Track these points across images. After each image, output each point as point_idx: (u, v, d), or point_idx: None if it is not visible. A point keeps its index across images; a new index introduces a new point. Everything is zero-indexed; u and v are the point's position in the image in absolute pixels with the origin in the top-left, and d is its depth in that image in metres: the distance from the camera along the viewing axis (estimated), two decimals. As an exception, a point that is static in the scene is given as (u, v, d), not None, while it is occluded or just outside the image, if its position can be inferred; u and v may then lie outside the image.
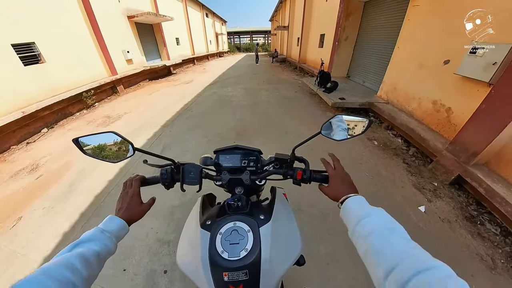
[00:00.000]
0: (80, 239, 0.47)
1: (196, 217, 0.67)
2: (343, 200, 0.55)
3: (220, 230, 0.58)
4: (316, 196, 2.14)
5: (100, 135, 0.58)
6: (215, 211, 0.67)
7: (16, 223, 2.07)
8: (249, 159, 0.74)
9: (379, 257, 0.38)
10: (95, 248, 0.45)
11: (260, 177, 0.71)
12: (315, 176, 0.67)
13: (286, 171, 0.69)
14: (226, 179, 0.69)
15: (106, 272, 1.54)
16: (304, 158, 0.72)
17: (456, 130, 2.60)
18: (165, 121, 4.43)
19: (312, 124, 4.08)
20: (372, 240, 0.41)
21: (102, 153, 0.61)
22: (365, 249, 0.42)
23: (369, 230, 0.43)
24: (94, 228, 0.51)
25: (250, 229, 0.57)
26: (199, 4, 18.65)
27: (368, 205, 0.50)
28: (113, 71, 7.11)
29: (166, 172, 0.69)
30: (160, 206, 2.11)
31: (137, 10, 8.57)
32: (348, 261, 1.59)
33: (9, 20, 4.14)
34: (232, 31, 45.85)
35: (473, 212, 2.06)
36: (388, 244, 0.39)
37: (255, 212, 0.63)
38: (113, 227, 0.53)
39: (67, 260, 0.40)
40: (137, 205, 0.61)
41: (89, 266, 0.43)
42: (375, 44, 5.22)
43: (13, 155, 3.56)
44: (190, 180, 0.68)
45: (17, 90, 4.18)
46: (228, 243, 0.55)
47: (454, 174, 2.30)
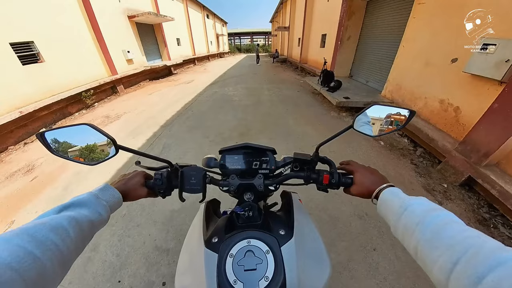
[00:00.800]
0: (70, 201, 0.40)
1: (199, 232, 0.56)
2: (376, 194, 0.48)
3: (230, 251, 0.45)
4: (326, 199, 2.07)
5: (72, 128, 0.46)
6: (222, 224, 0.55)
7: (7, 227, 1.99)
8: (261, 160, 0.63)
9: (433, 251, 0.32)
10: (87, 214, 0.39)
11: (276, 181, 0.59)
12: (344, 180, 0.56)
13: (308, 175, 0.58)
14: (235, 185, 0.57)
15: (99, 284, 1.46)
16: (329, 158, 0.60)
17: (465, 130, 2.52)
18: (165, 121, 4.37)
19: (316, 124, 4.00)
20: (420, 233, 0.34)
21: (75, 152, 0.49)
22: (415, 245, 0.35)
23: (415, 222, 0.36)
24: (86, 192, 0.44)
25: (269, 249, 0.45)
26: (200, 5, 18.69)
27: (406, 196, 0.43)
28: (113, 71, 7.06)
29: (161, 176, 0.57)
30: (159, 210, 2.02)
31: (137, 10, 8.54)
32: (361, 270, 1.50)
33: (8, 18, 4.09)
34: (233, 32, 46.01)
35: (485, 214, 1.97)
36: (442, 234, 0.32)
37: (271, 224, 0.52)
38: (108, 196, 0.47)
39: (55, 222, 0.33)
40: (137, 184, 0.55)
41: (81, 231, 0.36)
42: (379, 43, 5.15)
43: (10, 155, 3.49)
44: (191, 187, 0.57)
45: (15, 90, 4.12)
46: (242, 269, 0.43)
47: (465, 175, 2.22)
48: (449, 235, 0.32)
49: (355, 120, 0.55)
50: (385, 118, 0.55)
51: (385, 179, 0.51)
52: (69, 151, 0.49)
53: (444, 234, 0.32)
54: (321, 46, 8.93)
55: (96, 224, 0.41)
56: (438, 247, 0.31)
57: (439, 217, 0.35)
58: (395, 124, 0.55)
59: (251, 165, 0.63)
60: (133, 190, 0.54)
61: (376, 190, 0.48)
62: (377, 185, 0.49)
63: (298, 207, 0.62)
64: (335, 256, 1.59)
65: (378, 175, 0.53)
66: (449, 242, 0.31)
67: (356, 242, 1.68)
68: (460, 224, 0.34)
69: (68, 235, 0.34)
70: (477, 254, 0.27)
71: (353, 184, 0.55)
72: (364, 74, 5.94)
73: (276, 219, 0.57)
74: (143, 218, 1.94)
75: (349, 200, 2.04)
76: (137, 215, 1.99)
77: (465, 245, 0.29)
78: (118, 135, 3.80)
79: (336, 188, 0.57)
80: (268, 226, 0.51)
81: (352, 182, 0.55)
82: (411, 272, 1.47)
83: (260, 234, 0.47)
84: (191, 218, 1.90)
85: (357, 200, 2.02)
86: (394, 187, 0.48)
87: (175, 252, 1.65)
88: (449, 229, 0.33)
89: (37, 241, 0.29)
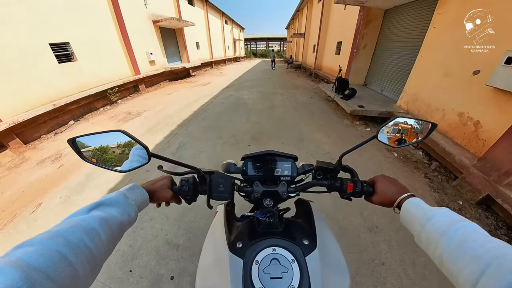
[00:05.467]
0: (99, 200, 0.41)
1: (221, 234, 0.56)
2: (399, 204, 0.49)
3: (256, 257, 0.46)
4: (335, 209, 2.05)
5: (105, 135, 0.46)
6: (245, 229, 0.56)
7: (36, 209, 2.18)
8: (283, 167, 0.64)
9: (458, 261, 0.32)
10: (116, 215, 0.39)
11: (299, 189, 0.60)
12: (366, 189, 0.57)
13: (332, 183, 0.59)
14: (259, 192, 0.57)
15: (113, 272, 1.53)
16: (351, 167, 0.60)
17: (485, 146, 2.41)
18: (182, 120, 4.57)
19: (329, 131, 3.99)
20: (445, 243, 0.35)
21: (106, 158, 0.48)
22: (440, 255, 0.36)
23: (439, 232, 0.37)
24: (115, 192, 0.45)
25: (295, 258, 0.46)
26: (219, 12, 19.37)
27: (429, 206, 0.44)
28: (137, 71, 7.52)
29: (187, 182, 0.56)
30: (172, 206, 2.07)
31: (161, 16, 9.08)
32: (368, 284, 1.46)
33: (49, 21, 4.57)
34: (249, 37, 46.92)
35: (503, 237, 1.87)
36: (467, 245, 0.32)
37: (294, 233, 0.52)
38: (136, 196, 0.47)
39: (87, 223, 0.33)
40: (164, 186, 0.56)
41: (111, 234, 0.36)
42: (395, 52, 5.06)
43: (42, 143, 3.84)
44: (219, 194, 0.56)
45: (50, 85, 4.55)
46: (268, 276, 0.43)
47: (483, 194, 2.12)
48: (474, 245, 0.32)
49: (379, 131, 0.57)
50: (392, 126, 0.58)
51: (406, 189, 0.51)
52: (101, 157, 0.48)
53: (469, 245, 0.32)
54: (336, 54, 8.89)
55: (125, 224, 0.41)
56: (463, 257, 0.32)
57: (464, 228, 0.35)
58: (403, 132, 0.58)
59: (273, 172, 0.64)
60: (160, 191, 0.55)
61: (398, 199, 0.49)
62: (399, 194, 0.49)
63: (318, 216, 0.62)
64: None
65: (399, 184, 0.54)
66: (474, 253, 0.31)
67: (365, 255, 1.64)
68: (484, 235, 0.34)
69: (100, 238, 0.34)
70: (502, 265, 0.27)
71: (374, 193, 0.56)
72: (379, 83, 5.83)
73: (297, 227, 0.57)
74: (156, 213, 2.02)
75: (360, 211, 2.02)
76: (150, 209, 2.05)
77: (490, 255, 0.29)
78: (138, 131, 4.04)
79: (359, 197, 0.58)
80: (292, 235, 0.51)
81: (373, 191, 0.56)
82: (418, 289, 1.41)
83: (284, 243, 0.48)
84: (202, 216, 2.00)
85: (368, 212, 2.01)
86: (415, 197, 0.48)
87: (184, 248, 1.70)
88: (474, 240, 0.33)
89: (72, 245, 0.29)
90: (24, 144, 3.72)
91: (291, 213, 0.79)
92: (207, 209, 0.60)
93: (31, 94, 4.10)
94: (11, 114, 3.69)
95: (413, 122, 0.58)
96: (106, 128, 0.54)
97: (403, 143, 0.58)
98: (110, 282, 1.47)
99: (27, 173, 2.87)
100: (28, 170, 2.94)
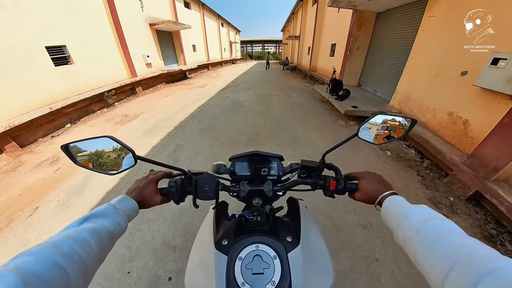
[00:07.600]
0: (90, 213, 0.43)
1: (209, 233, 0.58)
2: (380, 201, 0.49)
3: (239, 254, 0.48)
4: (330, 207, 2.08)
5: (95, 141, 0.49)
6: (231, 227, 0.57)
7: (33, 213, 2.17)
8: (269, 166, 0.65)
9: (430, 259, 0.33)
10: (107, 225, 0.42)
11: (284, 188, 0.61)
12: (349, 186, 0.58)
13: (315, 181, 0.60)
14: (246, 191, 0.60)
15: (111, 274, 1.54)
16: (334, 165, 0.62)
17: (473, 144, 2.50)
18: (178, 122, 4.58)
19: (324, 131, 4.06)
20: (419, 240, 0.36)
21: (99, 162, 0.51)
22: (414, 251, 0.36)
23: (414, 229, 0.38)
24: (105, 204, 0.47)
25: (277, 255, 0.48)
26: (216, 15, 19.48)
27: (408, 204, 0.45)
28: (133, 74, 7.52)
29: (175, 183, 0.58)
30: (168, 208, 2.08)
31: (158, 18, 9.12)
32: (363, 280, 1.49)
33: (45, 24, 4.56)
34: (245, 40, 47.14)
35: (492, 231, 1.94)
36: (439, 243, 0.33)
37: (278, 230, 0.54)
38: (125, 207, 0.49)
39: (79, 234, 0.36)
40: (151, 192, 0.57)
41: (102, 243, 0.39)
42: (388, 54, 5.19)
43: (39, 147, 3.82)
44: (204, 194, 0.58)
45: (47, 88, 4.54)
46: (250, 272, 0.45)
47: (472, 190, 2.19)
48: (445, 243, 0.32)
49: (360, 129, 0.57)
50: (381, 124, 0.58)
51: (389, 186, 0.52)
52: (91, 161, 0.51)
53: (440, 243, 0.33)
54: (330, 55, 9.03)
55: (115, 234, 0.43)
56: (434, 255, 0.32)
57: (437, 225, 0.35)
58: (398, 133, 0.58)
59: (259, 172, 0.65)
60: (148, 198, 0.56)
61: (379, 197, 0.49)
62: (381, 192, 0.50)
63: (305, 214, 0.64)
64: (337, 264, 1.59)
65: (383, 182, 0.54)
66: (444, 250, 0.31)
67: (359, 252, 1.67)
68: (458, 233, 0.34)
69: (91, 248, 0.36)
70: (469, 263, 0.28)
71: (357, 190, 0.56)
72: (373, 84, 5.95)
73: (283, 225, 0.59)
74: (153, 214, 2.03)
75: (354, 209, 2.06)
76: (148, 211, 2.03)
77: (459, 252, 0.30)
78: (135, 133, 4.02)
79: (342, 194, 0.59)
80: (276, 232, 0.53)
81: (357, 188, 0.56)
82: (413, 285, 1.45)
83: (268, 240, 0.50)
84: (198, 217, 2.03)
85: (362, 210, 2.05)
86: (397, 195, 0.48)
87: (181, 249, 1.71)
88: (446, 238, 0.33)
89: (63, 254, 0.31)
90: (21, 147, 3.70)
91: (284, 211, 0.81)
92: (204, 210, 0.62)
93: (27, 97, 4.08)
94: (7, 118, 3.66)
95: (393, 118, 0.58)
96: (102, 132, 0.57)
97: (388, 140, 0.59)
98: (108, 284, 1.48)
99: (23, 176, 2.86)
100: (25, 173, 2.93)
